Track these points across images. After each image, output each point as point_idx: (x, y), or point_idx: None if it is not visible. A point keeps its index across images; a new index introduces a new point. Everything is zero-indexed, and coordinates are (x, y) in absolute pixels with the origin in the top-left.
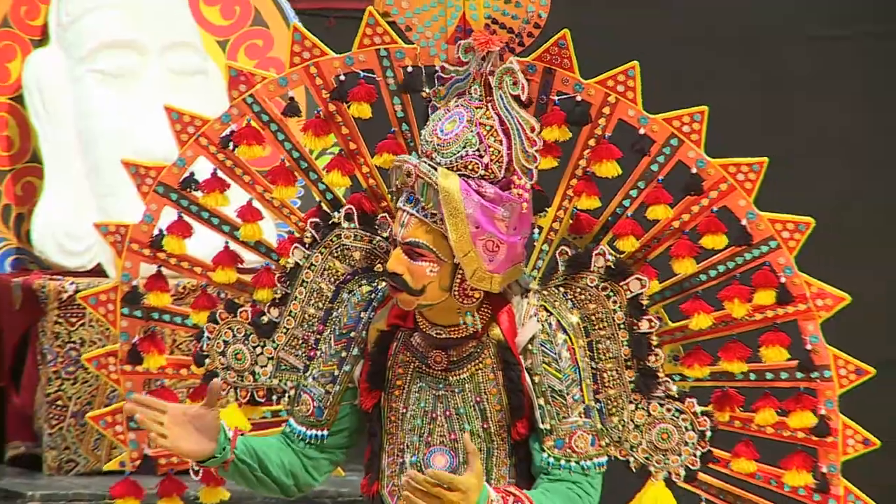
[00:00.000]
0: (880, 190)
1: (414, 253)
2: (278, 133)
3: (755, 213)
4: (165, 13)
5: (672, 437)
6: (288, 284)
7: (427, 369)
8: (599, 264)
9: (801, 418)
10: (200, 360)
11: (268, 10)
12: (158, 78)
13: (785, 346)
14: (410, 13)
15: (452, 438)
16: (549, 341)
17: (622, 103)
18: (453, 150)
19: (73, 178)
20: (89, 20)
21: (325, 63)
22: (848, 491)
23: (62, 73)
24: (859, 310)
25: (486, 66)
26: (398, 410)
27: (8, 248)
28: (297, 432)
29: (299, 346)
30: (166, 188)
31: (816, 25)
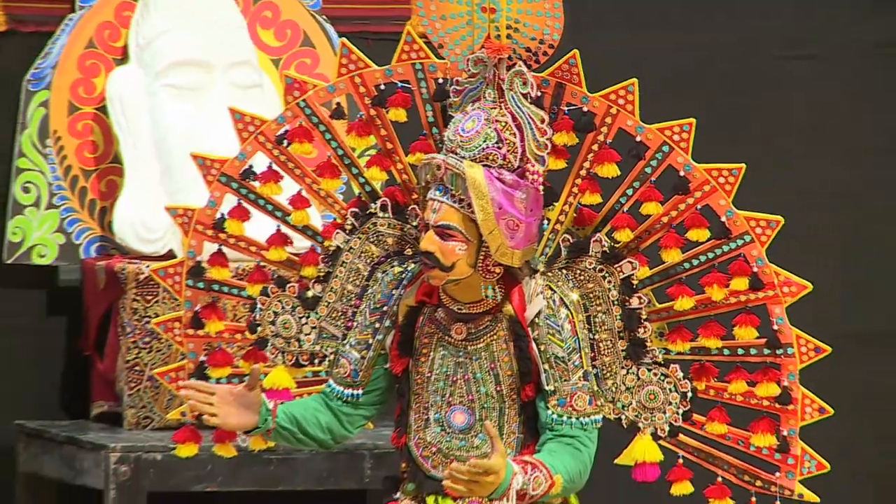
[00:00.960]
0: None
1: (445, 234)
2: (326, 133)
3: (733, 212)
4: (228, 35)
5: (658, 398)
6: (330, 264)
7: (449, 339)
8: (596, 249)
9: (766, 388)
10: (253, 328)
11: (315, 33)
12: (222, 91)
13: (755, 326)
14: (443, 33)
15: (470, 399)
16: (552, 315)
17: (622, 114)
18: (475, 145)
19: (149, 177)
20: (163, 42)
21: (368, 74)
22: (804, 451)
23: (140, 87)
24: (817, 294)
25: (498, 71)
26: (423, 374)
27: (93, 237)
28: (335, 391)
29: (339, 318)
30: (228, 178)
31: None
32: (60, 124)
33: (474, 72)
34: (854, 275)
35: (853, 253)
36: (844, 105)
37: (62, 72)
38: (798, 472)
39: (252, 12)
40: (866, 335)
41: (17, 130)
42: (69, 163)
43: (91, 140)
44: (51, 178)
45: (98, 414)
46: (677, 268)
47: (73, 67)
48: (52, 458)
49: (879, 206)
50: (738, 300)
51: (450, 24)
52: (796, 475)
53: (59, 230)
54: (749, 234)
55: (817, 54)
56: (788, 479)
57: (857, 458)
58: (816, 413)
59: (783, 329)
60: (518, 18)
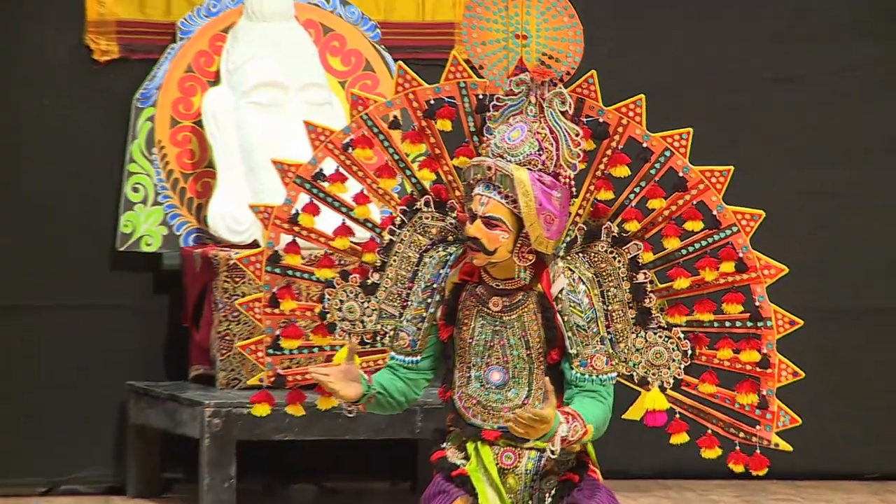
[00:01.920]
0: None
1: (490, 224)
2: (384, 141)
3: (723, 206)
4: (302, 61)
5: (663, 356)
6: (385, 255)
7: (487, 311)
8: (607, 235)
9: (749, 355)
10: (323, 315)
11: (375, 60)
12: (297, 108)
13: (740, 302)
14: (482, 56)
15: (505, 360)
16: (573, 291)
17: (631, 124)
18: (520, 151)
19: (237, 180)
20: (249, 67)
21: (420, 91)
22: (780, 408)
23: (229, 104)
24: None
25: (540, 91)
26: (465, 340)
27: (191, 229)
28: (398, 360)
29: (395, 300)
30: (302, 179)
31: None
32: (164, 135)
33: (516, 91)
34: (822, 260)
35: (821, 242)
36: (817, 117)
37: (165, 92)
38: (775, 425)
39: (322, 42)
40: (831, 310)
41: (128, 141)
42: (171, 167)
43: (189, 148)
44: (156, 181)
45: (195, 376)
46: (676, 254)
47: (174, 88)
48: (157, 413)
49: (848, 204)
50: (727, 280)
51: (488, 49)
52: (773, 428)
53: (163, 223)
54: (736, 226)
55: (796, 76)
56: (767, 431)
57: (825, 414)
58: (790, 376)
59: (763, 305)
60: (546, 44)
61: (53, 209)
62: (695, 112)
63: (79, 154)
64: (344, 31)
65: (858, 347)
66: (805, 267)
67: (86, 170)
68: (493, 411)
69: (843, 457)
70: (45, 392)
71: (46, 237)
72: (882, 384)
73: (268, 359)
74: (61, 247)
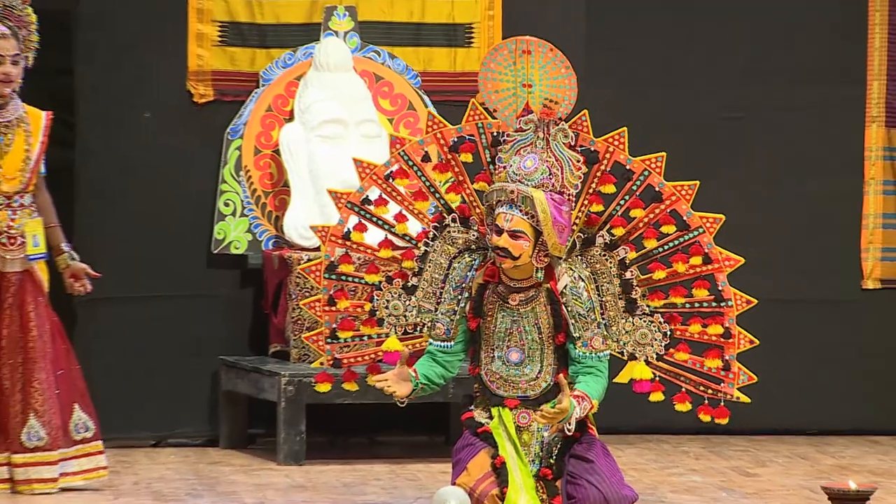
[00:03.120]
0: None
1: (515, 236)
2: (418, 171)
3: (691, 213)
4: (358, 102)
5: (647, 337)
6: (422, 262)
7: (507, 305)
8: (600, 241)
9: (714, 329)
10: (372, 312)
11: (416, 102)
12: (355, 141)
13: (707, 288)
14: (496, 102)
15: (521, 343)
16: (574, 287)
17: (616, 151)
18: (535, 177)
19: (306, 197)
20: (316, 106)
21: (446, 131)
22: (740, 369)
23: (300, 137)
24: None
25: (547, 128)
26: (490, 328)
27: (270, 236)
28: (436, 346)
29: (431, 298)
30: (352, 204)
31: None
32: (249, 161)
33: (525, 128)
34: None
35: (770, 241)
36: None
37: (250, 127)
38: (736, 382)
39: (375, 87)
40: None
41: (221, 166)
42: (255, 187)
43: (269, 172)
44: (242, 197)
45: (273, 352)
46: (654, 251)
47: (257, 124)
48: (243, 381)
49: (790, 209)
50: (695, 271)
51: (500, 96)
52: (735, 385)
53: (248, 231)
54: (702, 227)
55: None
56: (730, 388)
57: (781, 371)
58: (747, 343)
59: (725, 289)
60: (548, 91)
61: (162, 220)
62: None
63: (182, 176)
64: (392, 78)
65: (808, 329)
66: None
67: (187, 188)
68: (513, 384)
69: (789, 416)
70: (154, 364)
71: (157, 242)
72: (823, 358)
73: (327, 346)
74: (169, 250)
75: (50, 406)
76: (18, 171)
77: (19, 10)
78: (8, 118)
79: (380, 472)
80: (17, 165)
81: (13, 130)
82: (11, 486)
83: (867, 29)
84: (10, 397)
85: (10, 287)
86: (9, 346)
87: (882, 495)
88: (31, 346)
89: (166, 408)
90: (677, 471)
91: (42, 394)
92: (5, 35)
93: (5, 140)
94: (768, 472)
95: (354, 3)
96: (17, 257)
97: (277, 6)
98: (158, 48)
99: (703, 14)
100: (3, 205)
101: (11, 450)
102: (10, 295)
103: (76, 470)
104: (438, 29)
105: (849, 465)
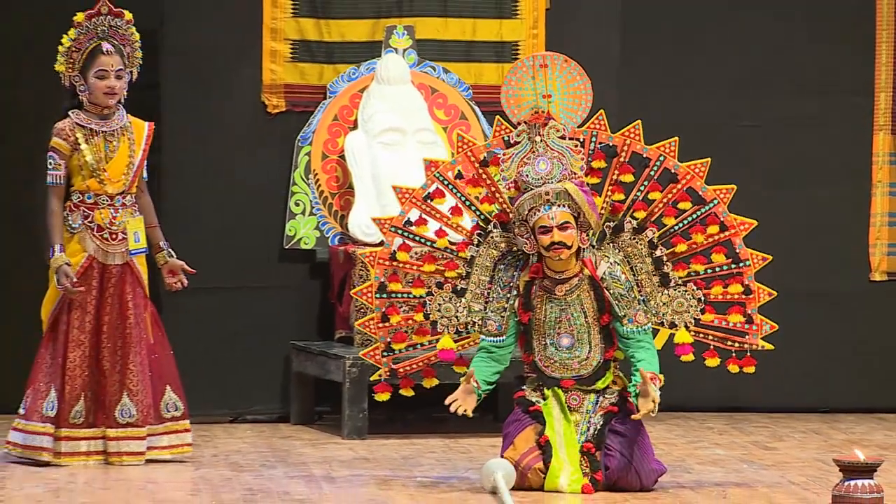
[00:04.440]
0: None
1: (564, 227)
2: (454, 189)
3: (706, 187)
4: (416, 112)
5: (683, 305)
6: (469, 266)
7: (554, 296)
8: (628, 227)
9: (735, 288)
10: (426, 316)
11: (468, 112)
12: (412, 147)
13: (724, 253)
14: (519, 115)
15: (570, 329)
16: (612, 271)
17: (633, 142)
18: (555, 175)
19: (369, 198)
20: (378, 117)
21: (475, 148)
22: (762, 321)
23: (364, 144)
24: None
25: (541, 131)
26: (540, 319)
27: (336, 232)
28: (489, 342)
29: (479, 298)
30: (396, 228)
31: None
32: (317, 166)
33: (518, 140)
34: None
35: (788, 239)
36: (771, 146)
37: (318, 135)
38: (760, 332)
39: (430, 99)
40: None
41: (292, 169)
42: (322, 188)
43: (335, 175)
44: (311, 198)
45: (338, 337)
46: (674, 227)
47: (324, 132)
48: (312, 363)
49: (806, 211)
50: (713, 239)
51: (523, 109)
52: (759, 335)
53: (316, 228)
54: (716, 199)
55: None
56: (754, 338)
57: (797, 355)
58: (766, 296)
59: (741, 251)
60: (565, 98)
61: (239, 218)
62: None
63: (257, 178)
64: (445, 91)
65: (821, 317)
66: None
67: (262, 190)
68: (567, 366)
69: (803, 396)
70: (233, 348)
71: (235, 238)
72: (834, 343)
73: (383, 360)
74: (246, 245)
75: (143, 387)
76: (122, 175)
77: (123, 29)
78: (113, 127)
79: (435, 445)
80: (121, 170)
81: (118, 138)
82: (105, 458)
83: (875, 45)
84: (109, 377)
85: (111, 278)
86: (109, 332)
87: (888, 467)
88: (129, 333)
89: (243, 388)
90: (702, 445)
91: (136, 375)
92: (110, 52)
93: (110, 147)
94: (785, 446)
95: (412, 23)
96: (118, 251)
97: (343, 26)
98: (236, 64)
99: (729, 34)
100: (107, 204)
101: (107, 424)
102: (111, 285)
103: (164, 445)
104: (488, 46)
105: (858, 440)
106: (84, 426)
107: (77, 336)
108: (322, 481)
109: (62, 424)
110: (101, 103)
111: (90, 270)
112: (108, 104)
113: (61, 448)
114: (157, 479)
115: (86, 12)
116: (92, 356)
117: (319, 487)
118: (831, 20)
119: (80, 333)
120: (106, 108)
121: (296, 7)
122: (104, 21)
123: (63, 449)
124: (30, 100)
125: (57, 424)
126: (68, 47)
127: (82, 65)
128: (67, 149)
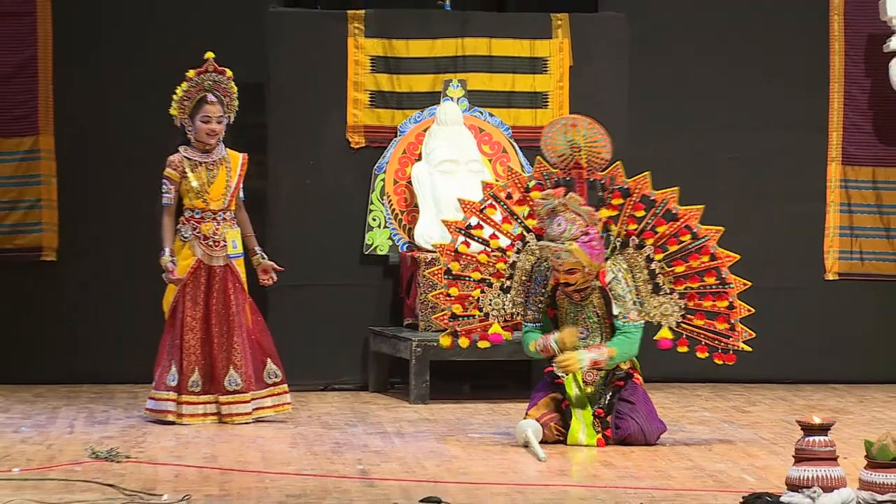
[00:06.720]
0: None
1: (570, 272)
2: (503, 205)
3: (699, 226)
4: (467, 147)
5: (669, 310)
6: (512, 269)
7: (572, 300)
8: (632, 244)
9: (722, 303)
10: (480, 308)
11: (508, 147)
12: (465, 175)
13: (714, 276)
14: (554, 158)
15: (585, 325)
16: (616, 278)
17: (642, 186)
18: (567, 233)
19: (430, 215)
20: (438, 151)
21: (521, 178)
22: (742, 329)
23: (426, 172)
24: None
25: (563, 200)
26: (562, 316)
27: (404, 242)
28: (531, 326)
29: (521, 294)
30: (459, 228)
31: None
32: (390, 189)
33: (545, 198)
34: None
35: (759, 247)
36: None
37: (391, 165)
38: (741, 338)
39: (478, 136)
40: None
41: (370, 192)
42: (394, 207)
43: (404, 197)
44: (385, 215)
45: (406, 324)
46: (675, 253)
47: (395, 162)
48: (385, 344)
49: (774, 223)
50: (705, 265)
51: (557, 154)
52: (740, 339)
53: (389, 238)
54: (707, 236)
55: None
56: (736, 342)
57: (767, 338)
58: (746, 311)
59: (727, 276)
60: (590, 148)
61: (329, 230)
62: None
63: (342, 199)
64: (491, 131)
65: (786, 307)
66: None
67: (347, 209)
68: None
69: (772, 369)
70: (324, 332)
71: (324, 246)
72: (797, 327)
73: (450, 323)
74: (333, 251)
75: (245, 361)
76: (221, 196)
77: (224, 83)
78: (214, 159)
79: (482, 409)
80: (221, 191)
81: (217, 167)
82: (219, 418)
83: (829, 93)
84: (218, 355)
85: (215, 277)
86: (216, 319)
87: (839, 427)
88: (232, 319)
89: (331, 363)
90: (693, 409)
91: (239, 352)
92: (214, 102)
93: (211, 174)
94: (758, 410)
95: (465, 78)
96: (219, 255)
97: (410, 79)
98: (326, 109)
99: (721, 88)
100: (211, 219)
101: (218, 392)
102: (216, 283)
103: (269, 405)
104: (524, 95)
105: (815, 405)
106: (201, 393)
107: (191, 322)
108: (393, 437)
109: (182, 392)
110: (204, 141)
111: (199, 271)
112: (209, 143)
113: (182, 410)
114: (264, 435)
115: (196, 69)
116: (203, 338)
117: (391, 441)
118: (796, 73)
119: (192, 321)
120: (208, 145)
121: (374, 65)
122: (210, 77)
123: (184, 411)
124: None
125: (178, 392)
126: (181, 97)
127: (191, 111)
128: (177, 177)
